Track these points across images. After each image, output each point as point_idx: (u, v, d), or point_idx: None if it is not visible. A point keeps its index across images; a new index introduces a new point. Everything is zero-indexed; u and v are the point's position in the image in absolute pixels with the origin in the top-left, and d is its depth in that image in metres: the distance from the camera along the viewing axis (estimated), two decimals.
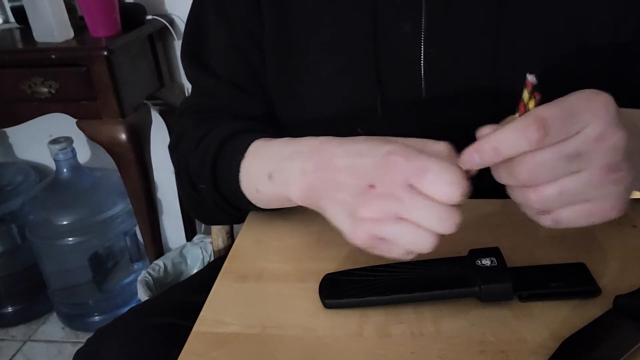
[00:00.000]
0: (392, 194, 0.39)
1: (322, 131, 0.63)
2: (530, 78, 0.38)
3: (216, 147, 0.56)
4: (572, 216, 0.39)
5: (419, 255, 0.49)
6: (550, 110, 0.37)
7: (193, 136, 0.61)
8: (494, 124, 0.40)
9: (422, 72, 0.58)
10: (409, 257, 0.41)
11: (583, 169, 0.37)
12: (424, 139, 0.42)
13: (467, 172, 0.39)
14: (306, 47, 0.61)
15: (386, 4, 0.57)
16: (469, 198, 0.58)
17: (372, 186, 0.40)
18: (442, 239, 0.40)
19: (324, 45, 0.61)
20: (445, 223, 0.38)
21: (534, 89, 0.38)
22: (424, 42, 0.58)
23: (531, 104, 0.38)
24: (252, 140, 0.53)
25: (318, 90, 0.62)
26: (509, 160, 0.38)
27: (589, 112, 0.37)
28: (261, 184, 0.51)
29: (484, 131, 0.40)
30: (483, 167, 0.39)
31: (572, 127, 0.37)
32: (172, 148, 0.65)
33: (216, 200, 0.58)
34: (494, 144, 0.38)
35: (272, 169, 0.49)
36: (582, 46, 0.58)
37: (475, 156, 0.39)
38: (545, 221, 0.40)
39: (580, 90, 0.38)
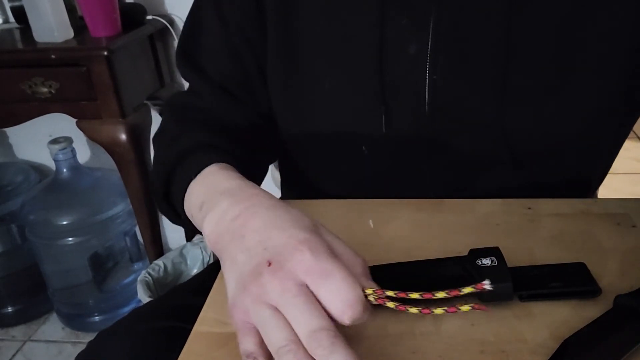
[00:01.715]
0: (281, 282, 0.36)
1: (325, 148, 0.63)
2: (487, 285, 0.38)
3: (176, 156, 0.54)
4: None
5: (419, 254, 0.49)
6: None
7: (168, 134, 0.60)
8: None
9: (427, 94, 0.57)
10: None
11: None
12: (348, 247, 0.40)
13: (368, 301, 0.37)
14: (311, 61, 0.60)
15: (393, 23, 0.56)
16: (470, 198, 0.59)
17: (269, 263, 0.37)
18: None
19: (329, 59, 0.60)
20: (314, 337, 0.34)
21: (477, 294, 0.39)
22: (429, 65, 0.56)
23: (440, 294, 0.38)
24: (210, 163, 0.51)
25: (321, 105, 0.61)
26: None
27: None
28: (194, 211, 0.49)
29: None
30: None
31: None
32: (153, 139, 0.64)
33: (164, 204, 0.57)
34: None
35: (205, 199, 0.47)
36: (594, 76, 0.56)
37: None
38: None
39: None
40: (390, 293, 0.38)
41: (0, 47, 1.31)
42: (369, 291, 0.37)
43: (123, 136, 1.28)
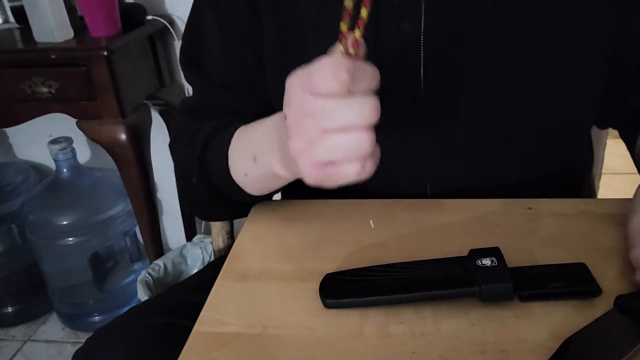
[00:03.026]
0: (301, 113, 0.40)
1: None
2: None
3: (204, 140, 0.59)
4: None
5: (419, 254, 0.49)
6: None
7: (185, 133, 0.64)
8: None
9: (422, 71, 0.59)
10: (365, 173, 0.41)
11: None
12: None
13: (349, 54, 0.40)
14: (306, 48, 0.61)
15: (386, 4, 0.58)
16: (469, 198, 0.60)
17: (285, 117, 0.41)
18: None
19: (324, 45, 0.61)
20: (363, 112, 0.39)
21: None
22: (423, 42, 0.58)
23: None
24: (235, 129, 0.57)
25: None
26: None
27: None
28: (248, 168, 0.54)
29: None
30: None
31: None
32: (170, 146, 0.68)
33: (208, 193, 0.60)
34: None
35: (255, 151, 0.52)
36: (579, 50, 0.59)
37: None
38: None
39: None
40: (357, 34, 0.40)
41: (0, 47, 1.31)
42: (341, 48, 0.40)
43: (123, 136, 1.27)
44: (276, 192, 0.61)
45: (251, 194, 0.58)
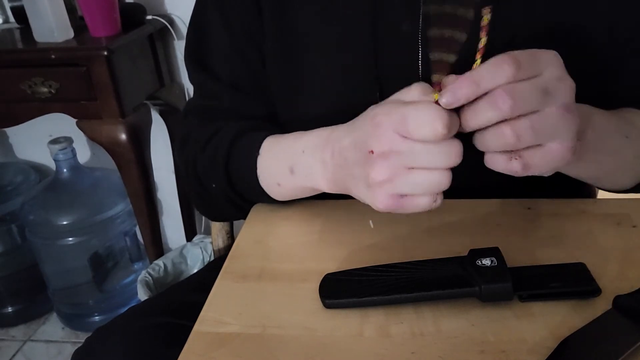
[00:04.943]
0: (390, 151, 0.42)
1: None
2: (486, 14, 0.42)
3: (227, 147, 0.59)
4: (538, 159, 0.43)
5: (419, 254, 0.49)
6: (518, 52, 0.41)
7: (199, 138, 0.63)
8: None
9: (420, 70, 0.59)
10: (435, 204, 0.44)
11: (548, 106, 0.41)
12: (402, 91, 0.45)
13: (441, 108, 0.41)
14: (306, 47, 0.61)
15: (386, 4, 0.58)
16: (470, 197, 0.60)
17: (371, 152, 0.43)
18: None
19: (324, 44, 0.61)
20: (449, 156, 0.42)
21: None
22: (421, 41, 0.58)
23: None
24: (264, 138, 0.57)
25: (317, 90, 0.62)
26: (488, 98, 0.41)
27: (547, 59, 0.42)
28: (283, 179, 0.55)
29: (449, 79, 0.43)
30: (462, 102, 0.41)
31: (537, 67, 0.41)
32: (178, 149, 0.67)
33: (230, 197, 0.60)
34: (473, 78, 0.41)
35: (292, 163, 0.53)
36: (576, 46, 0.58)
37: (457, 92, 0.41)
38: (516, 166, 0.43)
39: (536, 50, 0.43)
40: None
41: (0, 47, 1.31)
42: (436, 97, 0.42)
43: (123, 136, 1.28)
44: None
45: (275, 199, 0.59)
